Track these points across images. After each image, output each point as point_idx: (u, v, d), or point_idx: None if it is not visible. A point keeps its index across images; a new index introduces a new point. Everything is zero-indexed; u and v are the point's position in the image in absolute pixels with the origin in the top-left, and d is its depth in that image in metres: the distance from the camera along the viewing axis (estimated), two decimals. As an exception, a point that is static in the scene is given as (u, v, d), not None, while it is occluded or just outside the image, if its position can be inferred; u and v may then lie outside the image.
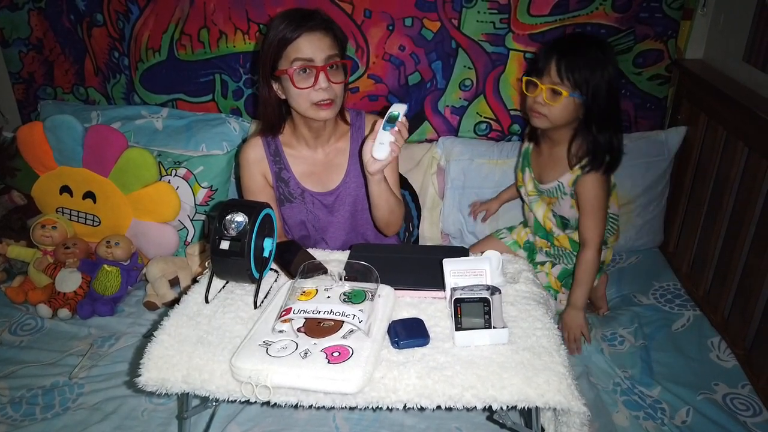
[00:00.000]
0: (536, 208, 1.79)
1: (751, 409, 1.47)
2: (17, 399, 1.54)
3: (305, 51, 1.37)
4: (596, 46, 1.54)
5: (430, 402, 1.02)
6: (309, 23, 1.37)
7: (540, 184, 1.75)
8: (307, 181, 1.59)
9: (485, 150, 2.09)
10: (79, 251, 1.96)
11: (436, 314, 1.19)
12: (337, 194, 1.60)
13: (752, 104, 1.64)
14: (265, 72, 1.43)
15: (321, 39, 1.38)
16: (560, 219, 1.74)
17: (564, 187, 1.67)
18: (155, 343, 1.13)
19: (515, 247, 1.88)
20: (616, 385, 1.56)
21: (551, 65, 1.52)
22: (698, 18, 2.02)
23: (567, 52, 1.52)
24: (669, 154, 2.03)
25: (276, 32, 1.38)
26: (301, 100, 1.41)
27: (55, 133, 1.97)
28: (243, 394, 1.04)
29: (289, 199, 1.60)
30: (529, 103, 1.60)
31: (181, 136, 2.13)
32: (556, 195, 1.70)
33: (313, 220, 1.63)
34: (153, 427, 1.46)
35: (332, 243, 1.67)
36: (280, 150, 1.57)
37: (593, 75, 1.50)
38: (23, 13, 2.19)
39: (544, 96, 1.54)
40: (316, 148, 1.58)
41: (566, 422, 1.08)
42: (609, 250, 1.81)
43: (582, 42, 1.56)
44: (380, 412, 1.46)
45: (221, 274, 1.24)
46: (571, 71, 1.50)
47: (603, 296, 1.88)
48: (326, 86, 1.39)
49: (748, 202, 1.65)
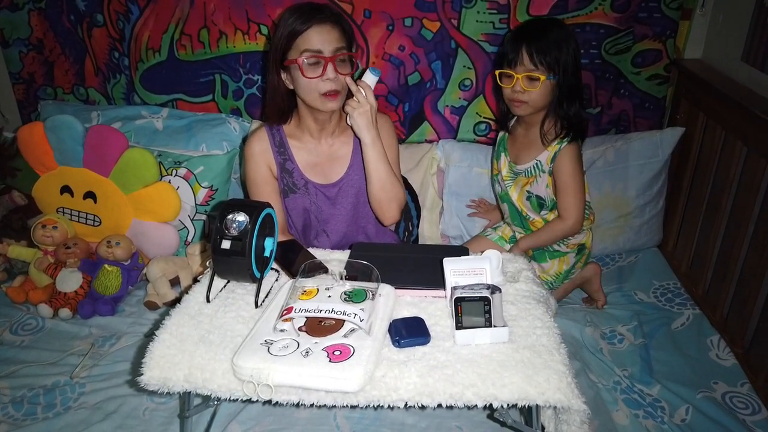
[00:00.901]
0: (512, 191, 1.81)
1: (750, 407, 1.48)
2: (18, 398, 1.55)
3: (315, 42, 1.41)
4: (556, 26, 1.61)
5: (431, 400, 1.02)
6: (319, 16, 1.42)
7: (516, 165, 1.77)
8: (310, 172, 1.62)
9: (484, 158, 2.10)
10: (79, 251, 1.96)
11: (436, 313, 1.19)
12: (340, 186, 1.63)
13: (751, 104, 1.65)
14: (275, 62, 1.48)
15: (330, 32, 1.43)
16: (536, 200, 1.76)
17: (542, 165, 1.70)
18: (157, 342, 1.13)
19: (501, 242, 1.90)
20: (616, 384, 1.57)
21: (522, 53, 1.57)
22: (697, 18, 2.02)
23: (534, 38, 1.57)
24: (664, 155, 2.03)
25: (286, 24, 1.43)
26: (309, 90, 1.46)
27: (56, 133, 1.97)
28: (245, 393, 1.04)
29: (293, 190, 1.63)
30: (508, 94, 1.65)
31: (181, 136, 2.13)
32: (534, 174, 1.73)
33: (315, 212, 1.66)
34: (154, 427, 1.46)
35: (333, 235, 1.69)
36: (284, 141, 1.60)
37: (561, 54, 1.57)
38: (23, 13, 2.20)
39: (521, 84, 1.59)
40: (321, 140, 1.61)
41: (566, 420, 1.09)
42: (588, 233, 1.81)
43: (542, 25, 1.62)
44: (381, 411, 1.46)
45: (222, 273, 1.24)
46: (543, 55, 1.56)
47: (599, 289, 1.89)
48: (334, 77, 1.43)
49: (747, 202, 1.66)
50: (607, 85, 2.07)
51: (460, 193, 2.12)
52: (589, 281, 1.89)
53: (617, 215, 2.06)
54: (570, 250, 1.80)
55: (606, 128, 2.16)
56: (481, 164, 2.10)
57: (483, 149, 2.12)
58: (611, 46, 2.00)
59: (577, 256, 1.80)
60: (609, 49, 2.01)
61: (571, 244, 1.79)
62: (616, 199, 2.04)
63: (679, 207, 2.11)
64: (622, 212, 2.06)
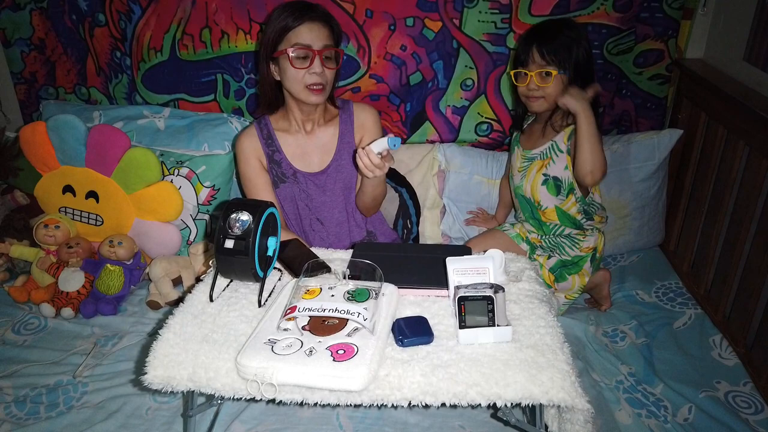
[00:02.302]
0: (525, 181, 1.80)
1: (753, 406, 1.48)
2: (21, 398, 1.55)
3: (305, 37, 1.51)
4: (566, 27, 1.67)
5: (434, 399, 1.02)
6: (310, 14, 1.53)
7: (530, 152, 1.80)
8: (298, 161, 1.70)
9: (485, 165, 2.10)
10: (82, 251, 1.96)
11: (439, 312, 1.20)
12: (327, 173, 1.71)
13: (753, 103, 1.65)
14: (266, 53, 1.57)
15: (320, 29, 1.53)
16: (553, 182, 1.75)
17: (558, 145, 1.73)
18: (161, 341, 1.13)
19: (518, 239, 1.85)
20: (619, 383, 1.57)
21: (533, 52, 1.65)
22: (698, 18, 2.03)
23: (544, 39, 1.65)
24: (661, 157, 2.02)
25: (279, 19, 1.53)
26: (296, 82, 1.55)
27: (58, 132, 1.97)
28: (249, 392, 1.04)
29: (282, 179, 1.71)
30: (523, 92, 1.72)
31: (183, 136, 2.13)
32: (549, 155, 1.75)
33: (306, 200, 1.73)
34: (157, 426, 1.46)
35: (327, 223, 1.76)
36: (272, 134, 1.69)
37: (571, 50, 1.64)
38: (25, 13, 2.20)
39: (535, 80, 1.67)
40: (307, 130, 1.69)
41: (570, 419, 1.09)
42: (600, 236, 1.79)
43: (553, 26, 1.69)
44: (384, 410, 1.46)
45: (226, 272, 1.24)
46: (553, 51, 1.64)
47: (607, 295, 1.89)
48: (320, 71, 1.53)
49: (749, 201, 1.66)
50: (609, 86, 2.07)
51: (459, 200, 2.13)
52: (598, 287, 1.88)
53: (615, 218, 2.06)
54: (584, 254, 1.77)
55: (608, 128, 2.16)
56: (482, 172, 2.10)
57: (484, 155, 2.12)
58: (613, 46, 2.00)
59: (592, 263, 1.79)
60: (611, 49, 2.01)
61: (585, 247, 1.77)
62: (613, 203, 2.04)
63: (681, 206, 2.11)
64: (619, 215, 2.06)
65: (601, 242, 1.81)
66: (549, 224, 1.81)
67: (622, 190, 2.04)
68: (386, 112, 2.14)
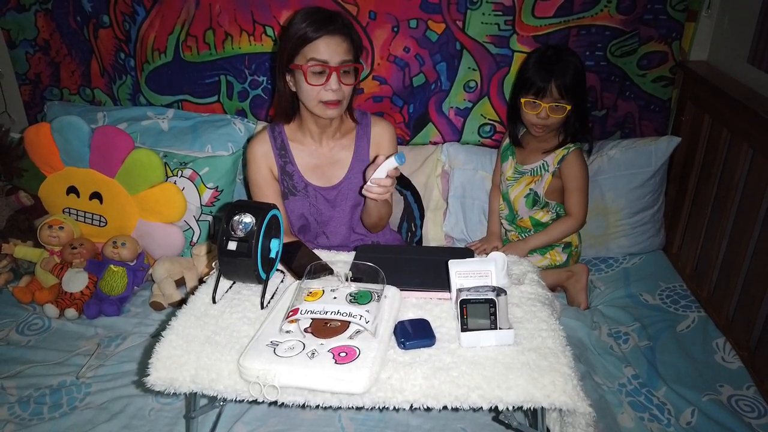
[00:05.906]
0: (512, 190, 1.95)
1: (756, 410, 1.48)
2: (25, 398, 1.55)
3: (322, 53, 1.44)
4: (569, 55, 1.77)
5: (436, 402, 1.02)
6: (330, 27, 1.44)
7: (522, 166, 1.94)
8: (311, 175, 1.65)
9: (489, 161, 2.10)
10: (85, 251, 1.97)
11: (441, 315, 1.20)
12: (339, 189, 1.65)
13: (757, 106, 1.64)
14: (282, 63, 1.51)
15: (339, 44, 1.45)
16: (533, 197, 1.91)
17: (548, 165, 1.88)
18: (163, 342, 1.14)
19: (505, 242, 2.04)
20: (621, 386, 1.56)
21: (552, 87, 1.74)
22: (702, 20, 2.02)
23: (560, 73, 1.73)
24: (657, 164, 2.01)
25: (297, 29, 1.45)
26: (310, 97, 1.49)
27: (62, 134, 1.98)
28: (251, 394, 1.05)
29: (293, 192, 1.66)
30: (531, 119, 1.81)
31: (186, 137, 2.14)
32: (539, 173, 1.90)
33: (315, 214, 1.68)
34: (160, 427, 1.46)
35: (332, 237, 1.72)
36: (285, 144, 1.63)
37: (580, 83, 1.77)
38: (30, 14, 2.20)
39: (548, 112, 1.77)
40: (322, 143, 1.64)
41: (572, 423, 1.09)
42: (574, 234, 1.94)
43: (561, 56, 1.77)
44: (386, 413, 1.46)
45: (228, 274, 1.25)
46: (571, 89, 1.74)
47: (584, 289, 1.89)
48: (336, 87, 1.46)
49: (753, 204, 1.66)
50: (613, 88, 2.07)
51: (465, 196, 2.12)
52: (575, 278, 1.90)
53: (610, 221, 2.06)
54: (557, 245, 1.92)
55: (611, 131, 2.15)
56: (486, 167, 2.10)
57: (487, 152, 2.12)
58: (617, 48, 2.00)
59: (565, 250, 1.91)
60: (614, 51, 2.01)
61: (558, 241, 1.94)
62: (606, 208, 2.04)
63: (684, 209, 2.11)
64: (615, 218, 2.05)
65: (575, 238, 1.95)
66: (525, 228, 1.98)
67: (616, 196, 2.04)
68: (389, 113, 2.14)
